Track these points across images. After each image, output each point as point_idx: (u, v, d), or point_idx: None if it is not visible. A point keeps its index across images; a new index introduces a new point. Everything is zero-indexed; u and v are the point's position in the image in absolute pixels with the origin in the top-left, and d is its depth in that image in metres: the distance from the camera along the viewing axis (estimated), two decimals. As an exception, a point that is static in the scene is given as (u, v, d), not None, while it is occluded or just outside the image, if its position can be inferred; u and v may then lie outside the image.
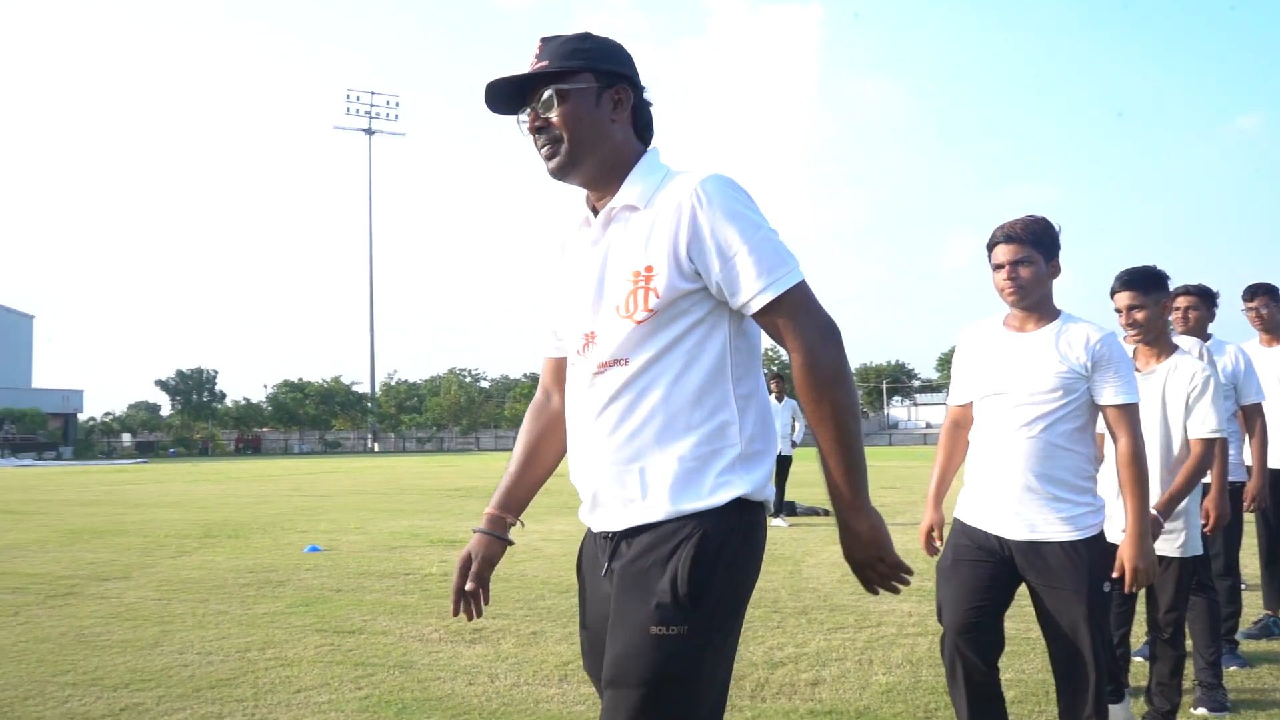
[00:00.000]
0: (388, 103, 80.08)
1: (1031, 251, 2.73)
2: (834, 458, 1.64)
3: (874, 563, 1.70)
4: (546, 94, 1.73)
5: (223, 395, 74.37)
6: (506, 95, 1.79)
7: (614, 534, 1.73)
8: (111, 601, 6.19)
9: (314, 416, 73.72)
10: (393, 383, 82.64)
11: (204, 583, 6.92)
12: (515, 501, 1.96)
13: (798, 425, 11.73)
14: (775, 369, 24.92)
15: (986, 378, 2.80)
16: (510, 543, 1.96)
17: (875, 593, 1.76)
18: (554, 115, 1.74)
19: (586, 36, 1.79)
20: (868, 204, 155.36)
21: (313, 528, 10.96)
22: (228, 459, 53.34)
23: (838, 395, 1.62)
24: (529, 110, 1.77)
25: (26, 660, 4.62)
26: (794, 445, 11.66)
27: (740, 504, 1.66)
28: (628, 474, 1.68)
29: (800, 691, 4.01)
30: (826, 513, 11.22)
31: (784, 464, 11.31)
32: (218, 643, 4.98)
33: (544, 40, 1.78)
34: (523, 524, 1.98)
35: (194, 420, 72.48)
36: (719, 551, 1.63)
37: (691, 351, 1.68)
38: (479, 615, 1.91)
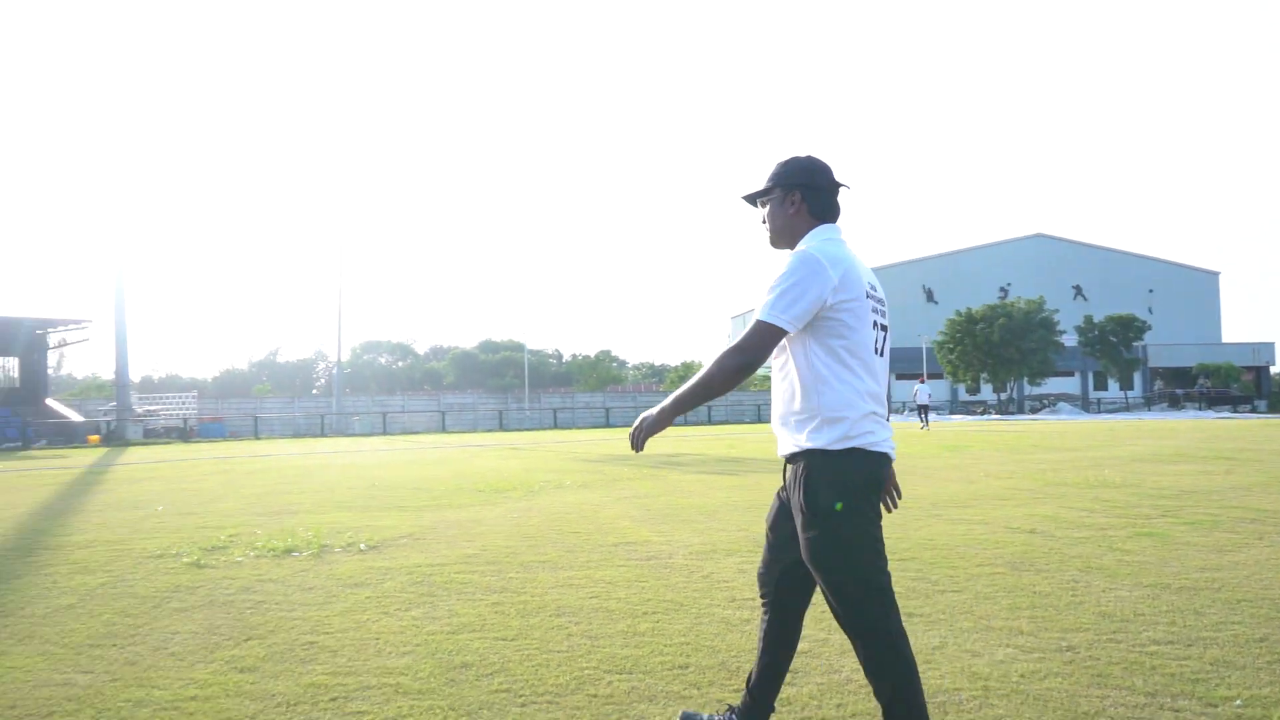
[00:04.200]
0: None
1: None
2: (690, 381, 2.74)
3: (638, 424, 2.76)
4: (759, 202, 2.99)
5: None
6: (750, 199, 3.01)
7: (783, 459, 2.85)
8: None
9: None
10: None
11: None
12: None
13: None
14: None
15: None
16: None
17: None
18: (764, 214, 2.97)
19: (788, 162, 2.91)
20: None
21: None
22: None
23: (715, 369, 2.68)
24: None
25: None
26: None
27: (822, 452, 2.67)
28: (778, 429, 2.86)
29: None
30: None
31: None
32: None
33: (778, 163, 2.93)
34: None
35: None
36: (817, 481, 2.66)
37: (793, 362, 2.76)
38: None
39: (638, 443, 2.73)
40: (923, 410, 35.11)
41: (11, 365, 46.44)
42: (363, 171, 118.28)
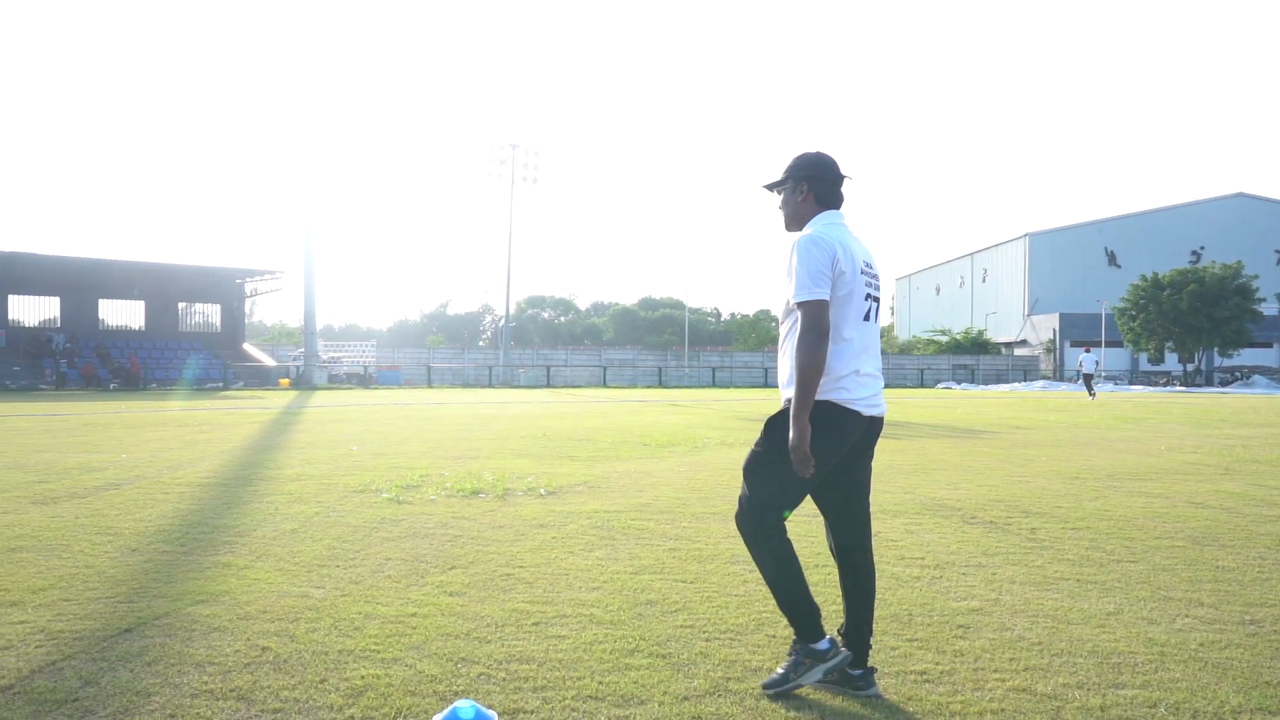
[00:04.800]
0: None
1: None
2: (796, 386, 3.07)
3: (790, 450, 3.05)
4: (775, 190, 3.45)
5: None
6: (769, 188, 3.45)
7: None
8: None
9: None
10: None
11: None
12: None
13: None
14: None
15: None
16: None
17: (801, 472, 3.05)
18: (779, 199, 3.44)
19: (799, 157, 3.39)
20: None
21: None
22: None
23: (801, 358, 3.05)
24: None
25: None
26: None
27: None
28: (781, 387, 3.29)
29: None
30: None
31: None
32: None
33: (792, 157, 3.40)
34: None
35: None
36: (780, 419, 3.20)
37: (796, 325, 3.17)
38: None
39: (804, 468, 3.03)
40: (1087, 379, 33.62)
41: (213, 312, 50.35)
42: (528, 132, 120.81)
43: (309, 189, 56.11)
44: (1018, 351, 68.60)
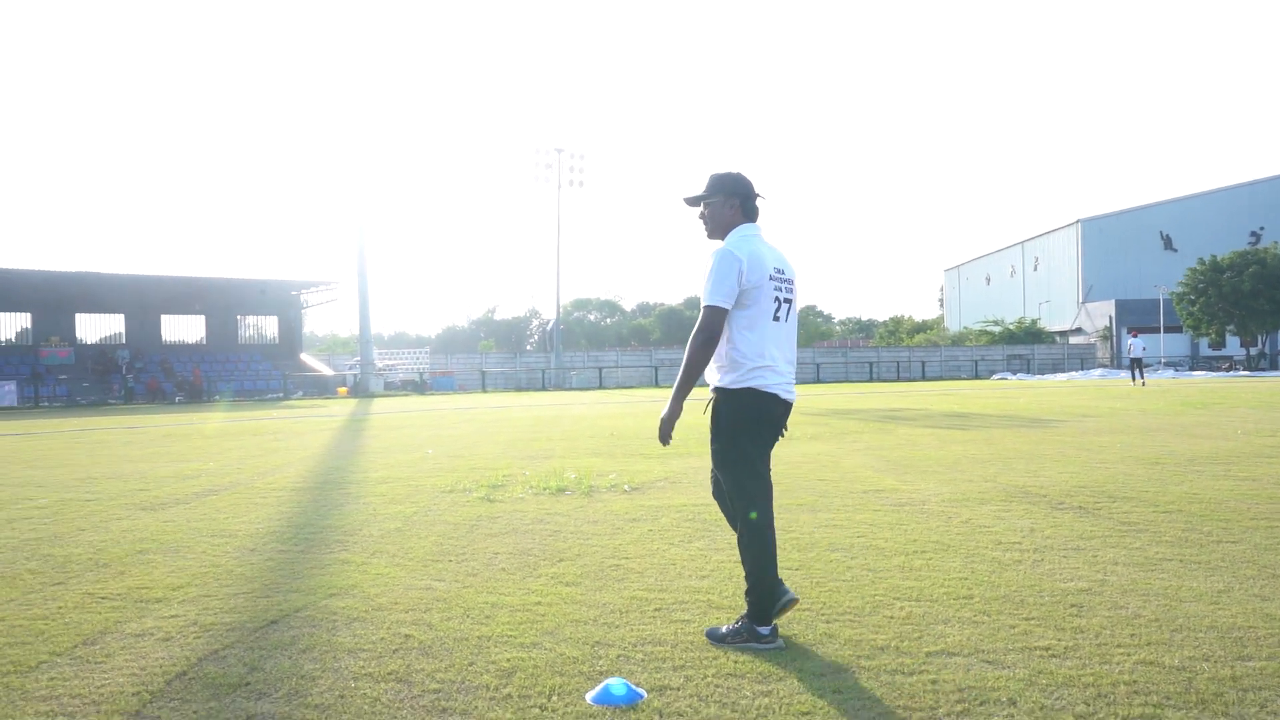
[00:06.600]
0: None
1: None
2: (679, 373, 3.66)
3: (660, 427, 3.76)
4: (701, 203, 3.86)
5: None
6: (691, 201, 3.87)
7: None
8: None
9: None
10: None
11: None
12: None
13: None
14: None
15: None
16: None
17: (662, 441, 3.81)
18: (705, 212, 3.86)
19: (725, 175, 3.83)
20: None
21: None
22: None
23: (691, 351, 3.60)
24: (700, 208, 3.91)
25: None
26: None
27: (725, 389, 3.69)
28: (708, 371, 3.73)
29: None
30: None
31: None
32: None
33: (711, 176, 3.85)
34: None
35: None
36: (720, 408, 3.73)
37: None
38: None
39: (665, 438, 3.77)
40: (1135, 364, 32.78)
41: (270, 324, 51.35)
42: (574, 135, 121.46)
43: (360, 200, 56.90)
44: (1073, 340, 67.57)
